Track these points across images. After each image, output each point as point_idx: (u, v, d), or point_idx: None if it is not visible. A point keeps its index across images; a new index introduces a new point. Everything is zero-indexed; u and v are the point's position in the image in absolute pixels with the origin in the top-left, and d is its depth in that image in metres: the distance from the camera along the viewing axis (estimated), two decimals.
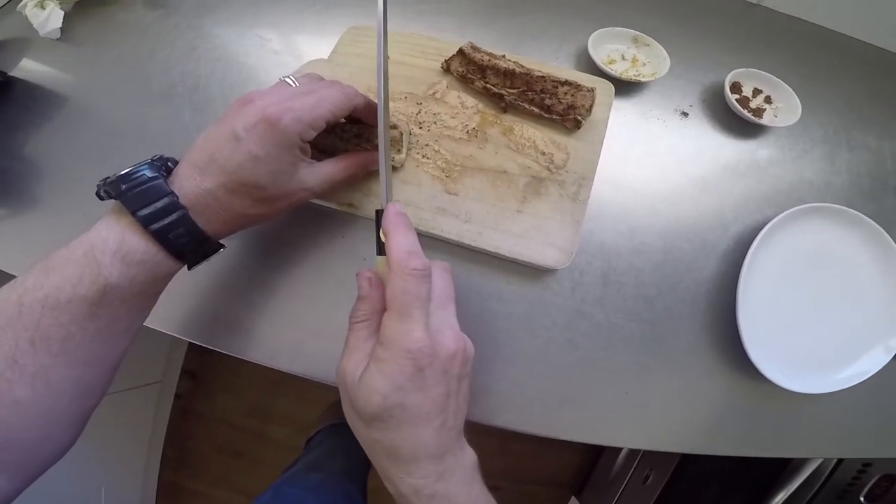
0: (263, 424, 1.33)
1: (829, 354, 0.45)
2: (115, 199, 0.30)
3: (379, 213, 0.33)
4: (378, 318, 0.31)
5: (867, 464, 0.61)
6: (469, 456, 0.31)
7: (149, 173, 0.30)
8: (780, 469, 0.67)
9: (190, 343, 1.39)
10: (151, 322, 0.39)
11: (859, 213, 0.48)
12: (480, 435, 0.34)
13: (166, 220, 0.30)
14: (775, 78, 0.56)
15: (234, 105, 0.34)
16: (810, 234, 0.48)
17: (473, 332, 0.42)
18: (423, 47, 0.52)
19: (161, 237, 0.30)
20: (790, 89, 0.55)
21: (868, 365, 0.44)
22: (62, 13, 0.55)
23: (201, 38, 0.57)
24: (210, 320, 0.42)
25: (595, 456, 1.29)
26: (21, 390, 0.27)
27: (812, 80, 0.59)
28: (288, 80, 0.37)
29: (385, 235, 0.31)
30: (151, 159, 0.32)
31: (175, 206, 0.30)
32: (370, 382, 0.28)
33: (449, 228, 0.42)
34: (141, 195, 0.29)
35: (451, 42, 0.52)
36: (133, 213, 0.29)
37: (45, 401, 0.28)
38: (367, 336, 0.31)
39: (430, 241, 0.44)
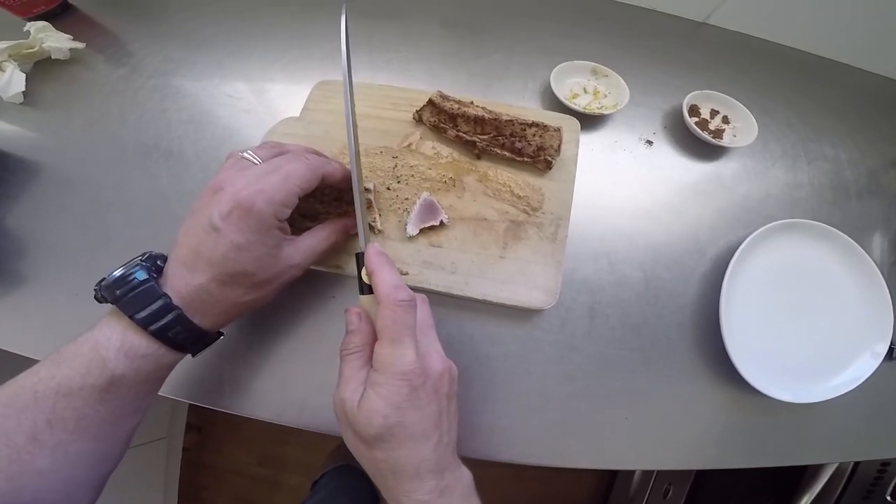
0: (276, 473, 1.33)
1: (818, 364, 0.46)
2: (112, 303, 0.31)
3: (359, 256, 0.35)
4: (368, 350, 0.33)
5: (885, 463, 0.61)
6: (466, 474, 0.33)
7: (140, 276, 0.31)
8: (800, 472, 0.67)
9: None
10: (161, 391, 0.39)
11: (828, 226, 0.50)
12: (491, 467, 0.35)
13: (163, 321, 0.31)
14: (729, 98, 0.58)
15: (205, 193, 0.34)
16: (783, 250, 0.50)
17: (471, 375, 0.43)
18: (393, 99, 0.53)
19: (161, 335, 0.31)
20: (745, 108, 0.58)
21: (858, 371, 0.45)
22: (23, 75, 0.54)
23: (170, 99, 0.57)
24: (215, 384, 0.42)
25: (611, 475, 1.27)
26: (42, 461, 0.28)
27: (762, 94, 0.62)
28: (247, 155, 0.36)
29: (370, 274, 0.33)
30: (141, 259, 0.33)
31: (169, 307, 0.31)
32: (370, 406, 0.30)
33: (436, 281, 0.43)
34: (135, 299, 0.31)
35: (421, 91, 0.53)
36: (130, 317, 0.30)
37: (64, 469, 0.30)
38: (360, 366, 0.33)
39: (420, 293, 0.44)
